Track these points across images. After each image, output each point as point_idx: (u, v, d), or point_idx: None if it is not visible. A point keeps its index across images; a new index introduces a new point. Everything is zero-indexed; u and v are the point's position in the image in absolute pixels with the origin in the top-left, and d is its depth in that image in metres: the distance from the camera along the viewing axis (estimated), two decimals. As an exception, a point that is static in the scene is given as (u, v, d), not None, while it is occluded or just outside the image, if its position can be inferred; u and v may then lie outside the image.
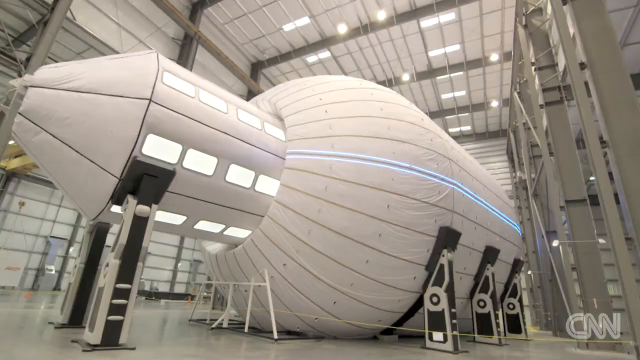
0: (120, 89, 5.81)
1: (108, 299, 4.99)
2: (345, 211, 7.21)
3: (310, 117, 8.17)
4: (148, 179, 5.74)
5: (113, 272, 5.13)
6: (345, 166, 7.46)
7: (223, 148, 6.80)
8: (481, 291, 10.30)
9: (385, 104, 8.79)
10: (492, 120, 30.13)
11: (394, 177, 7.63)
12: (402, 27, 20.37)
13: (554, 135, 12.03)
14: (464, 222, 9.10)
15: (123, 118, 5.66)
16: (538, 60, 13.71)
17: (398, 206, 7.52)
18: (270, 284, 7.34)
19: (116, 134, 5.62)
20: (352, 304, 7.50)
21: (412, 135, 8.39)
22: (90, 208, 6.16)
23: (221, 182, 6.85)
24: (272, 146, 7.81)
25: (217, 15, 20.29)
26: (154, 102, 5.94)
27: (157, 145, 6.04)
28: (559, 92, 12.66)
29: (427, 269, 8.04)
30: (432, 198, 8.04)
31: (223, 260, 8.28)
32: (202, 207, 6.89)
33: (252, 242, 7.58)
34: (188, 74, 7.26)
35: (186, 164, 6.35)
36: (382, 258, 7.40)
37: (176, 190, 6.35)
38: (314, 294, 7.34)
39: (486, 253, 10.44)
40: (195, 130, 6.42)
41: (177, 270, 33.05)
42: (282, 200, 7.40)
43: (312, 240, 7.17)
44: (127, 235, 5.33)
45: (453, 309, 7.64)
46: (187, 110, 6.41)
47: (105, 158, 5.63)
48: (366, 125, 8.03)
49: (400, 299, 7.97)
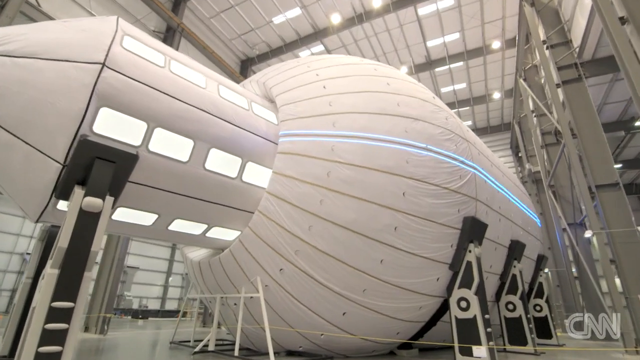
0: (65, 53, 4.58)
1: (40, 323, 3.66)
2: (352, 201, 5.94)
3: (306, 94, 6.94)
4: (101, 164, 4.44)
5: (49, 286, 3.81)
6: (350, 147, 6.21)
7: (200, 128, 5.53)
8: (509, 292, 9.02)
9: (391, 79, 7.61)
10: (493, 113, 29.11)
11: (408, 159, 6.39)
12: (399, 15, 19.34)
13: (575, 116, 10.90)
14: (489, 213, 7.86)
15: (67, 86, 4.42)
16: (549, 38, 12.69)
17: (415, 193, 6.27)
18: (264, 295, 6.01)
19: (58, 106, 4.37)
20: (365, 315, 6.18)
21: (425, 113, 7.19)
22: (30, 205, 4.85)
23: (199, 170, 5.57)
24: (262, 129, 6.55)
25: (202, 9, 19.11)
26: (108, 67, 4.71)
27: (114, 122, 4.79)
28: (576, 70, 11.61)
29: (451, 267, 6.76)
30: (453, 183, 6.81)
31: (207, 269, 6.93)
32: (176, 203, 5.58)
33: (241, 244, 6.27)
34: (158, 43, 6.02)
35: (153, 146, 5.08)
36: (399, 256, 6.12)
37: (142, 181, 5.07)
38: (319, 304, 6.02)
39: (512, 248, 9.19)
40: (163, 105, 5.16)
41: (168, 285, 31.23)
42: (276, 191, 6.11)
43: (313, 238, 5.88)
44: (69, 237, 4.03)
45: (486, 314, 6.35)
46: (153, 80, 5.16)
47: (45, 138, 4.37)
48: (372, 101, 6.82)
49: (421, 305, 6.66)
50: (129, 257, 27.50)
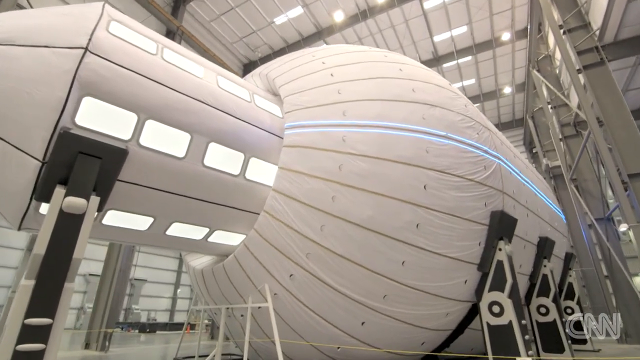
0: (43, 38, 4.11)
1: (11, 344, 3.12)
2: (368, 196, 5.32)
3: (313, 83, 6.39)
4: (84, 160, 3.94)
5: (22, 299, 3.28)
6: (363, 137, 5.61)
7: (198, 120, 5.00)
8: (540, 294, 8.25)
9: (404, 65, 7.03)
10: (504, 109, 28.26)
11: (428, 148, 5.77)
12: (404, 10, 18.81)
13: (600, 102, 10.17)
14: (516, 207, 7.16)
15: (46, 73, 3.95)
16: (566, 22, 12.00)
17: (437, 186, 5.63)
18: (273, 304, 5.39)
19: (36, 96, 3.89)
20: (387, 324, 5.51)
21: (443, 99, 6.58)
22: (9, 210, 4.35)
23: (198, 167, 5.03)
24: (266, 122, 6.00)
25: (202, 12, 18.83)
26: (92, 52, 4.22)
27: (100, 113, 4.29)
28: (597, 53, 10.91)
29: (480, 268, 6.08)
30: (478, 175, 6.16)
31: (211, 277, 6.35)
32: (173, 204, 5.04)
33: (246, 248, 5.68)
34: (150, 31, 5.54)
35: (145, 140, 4.55)
36: (422, 257, 5.47)
37: (133, 179, 4.54)
38: (334, 313, 5.38)
39: (541, 246, 8.44)
40: (155, 95, 4.65)
41: (176, 297, 30.62)
42: (283, 189, 5.53)
43: (326, 239, 5.27)
44: (46, 242, 3.51)
45: (523, 320, 5.64)
46: (143, 68, 4.66)
47: (20, 132, 3.89)
48: (386, 88, 6.24)
49: (448, 311, 5.97)
50: (136, 269, 27.11)
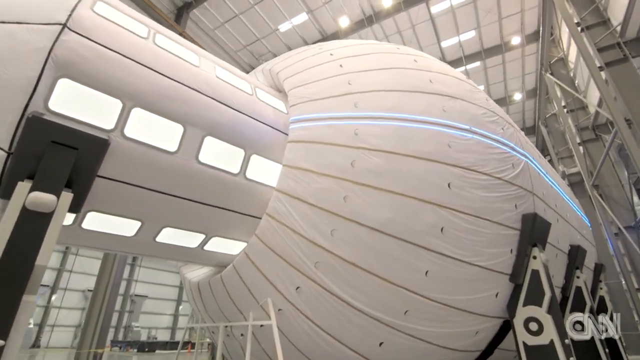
0: (17, 14, 3.62)
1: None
2: (384, 195, 4.67)
3: (320, 75, 5.84)
4: (57, 150, 3.39)
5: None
6: (378, 130, 5.00)
7: (192, 110, 4.45)
8: (574, 309, 7.40)
9: (418, 57, 6.51)
10: (515, 117, 27.56)
11: (450, 142, 5.14)
12: (411, 15, 18.51)
13: (625, 99, 9.52)
14: (546, 210, 6.44)
15: (16, 51, 3.44)
16: (584, 20, 11.49)
17: (462, 184, 4.96)
18: (277, 321, 4.68)
19: (4, 76, 3.37)
20: (408, 345, 4.76)
21: (463, 91, 5.99)
22: (-28, 211, 3.75)
23: (192, 163, 4.44)
24: (270, 117, 5.44)
25: (206, 20, 18.71)
26: (71, 29, 3.72)
27: (79, 98, 3.75)
28: (619, 50, 10.33)
29: (512, 279, 5.34)
30: (507, 173, 5.50)
31: (207, 291, 5.66)
32: (163, 205, 4.43)
33: (246, 257, 5.01)
34: (143, 17, 5.06)
35: (130, 131, 3.99)
36: (448, 266, 4.76)
37: (116, 176, 3.97)
38: (348, 332, 4.65)
39: (572, 255, 7.65)
40: (143, 81, 4.11)
41: (178, 314, 29.62)
42: (287, 189, 4.90)
43: (337, 246, 4.59)
44: (3, 245, 2.92)
45: (566, 339, 4.85)
46: (130, 50, 4.15)
47: (-17, 119, 3.33)
48: (402, 78, 5.67)
49: (478, 329, 5.20)
50: (137, 285, 26.31)
